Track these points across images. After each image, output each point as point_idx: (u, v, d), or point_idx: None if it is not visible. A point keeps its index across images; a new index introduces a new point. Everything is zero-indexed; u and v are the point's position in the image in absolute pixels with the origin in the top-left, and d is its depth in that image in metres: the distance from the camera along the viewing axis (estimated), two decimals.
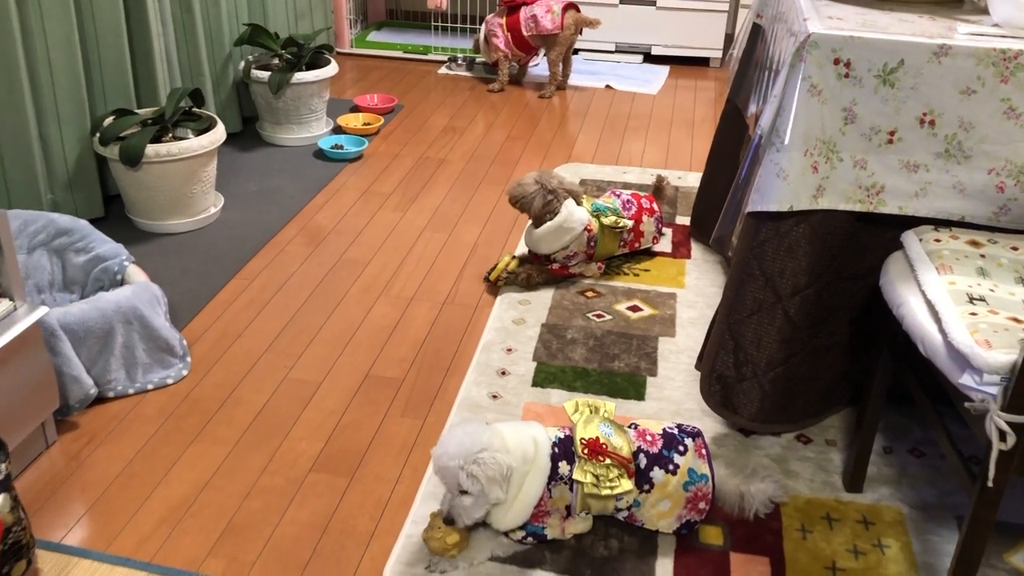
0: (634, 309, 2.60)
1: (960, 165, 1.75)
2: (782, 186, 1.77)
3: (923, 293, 1.56)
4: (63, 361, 2.02)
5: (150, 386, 2.21)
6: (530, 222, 2.68)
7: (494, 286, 2.69)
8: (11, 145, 2.61)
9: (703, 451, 1.82)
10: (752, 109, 2.51)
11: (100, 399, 2.16)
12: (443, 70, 4.71)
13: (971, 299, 1.49)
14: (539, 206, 2.60)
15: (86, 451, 2.01)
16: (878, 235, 1.88)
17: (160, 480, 1.93)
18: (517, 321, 2.53)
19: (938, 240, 1.68)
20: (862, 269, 1.93)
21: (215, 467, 1.97)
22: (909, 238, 1.72)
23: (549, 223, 2.61)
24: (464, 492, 1.69)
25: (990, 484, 1.36)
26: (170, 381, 2.24)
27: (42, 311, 1.88)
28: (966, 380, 1.38)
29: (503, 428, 1.77)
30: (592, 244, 2.69)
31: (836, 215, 1.83)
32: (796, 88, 1.73)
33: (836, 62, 1.71)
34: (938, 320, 1.48)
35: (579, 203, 2.67)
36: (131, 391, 2.19)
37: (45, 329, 1.97)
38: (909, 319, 1.56)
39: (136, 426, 2.09)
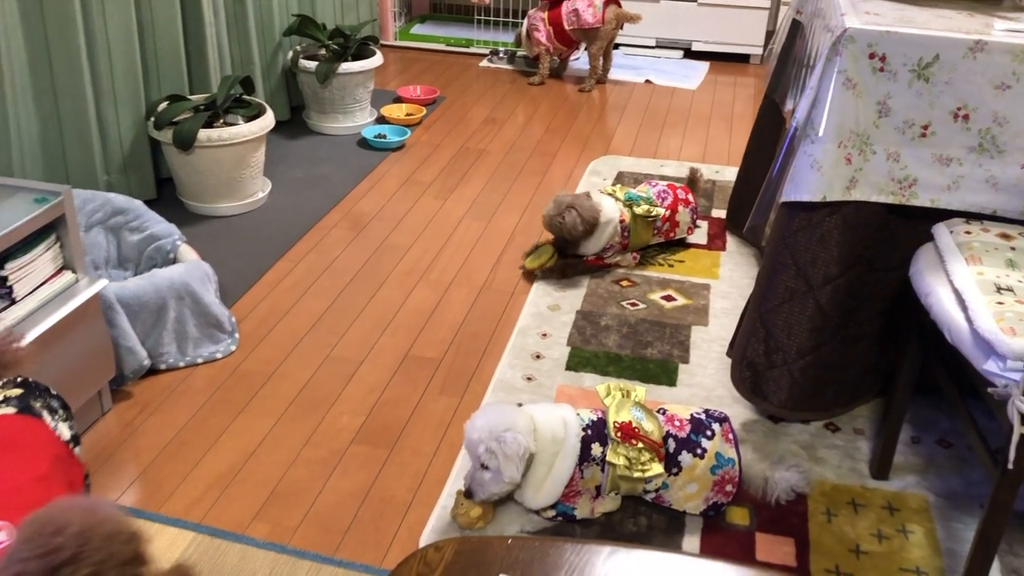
0: (668, 299, 2.65)
1: (993, 159, 1.78)
2: (816, 177, 1.82)
3: (951, 283, 1.60)
4: (119, 333, 2.12)
5: (200, 360, 2.31)
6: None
7: (530, 274, 2.75)
8: (72, 128, 2.72)
9: (730, 436, 1.87)
10: (790, 104, 2.54)
11: (152, 371, 2.26)
12: (484, 63, 4.78)
13: (999, 289, 1.52)
14: (582, 231, 2.64)
15: (139, 419, 2.11)
16: (910, 228, 1.92)
17: (209, 448, 2.02)
18: (552, 307, 2.60)
19: (968, 232, 1.71)
20: (893, 261, 1.96)
21: (261, 437, 2.06)
22: (940, 230, 1.75)
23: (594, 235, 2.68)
24: (484, 467, 1.75)
25: (1010, 467, 1.39)
26: (219, 355, 2.33)
27: (102, 283, 1.98)
28: (990, 366, 1.41)
29: (534, 410, 1.83)
30: (626, 234, 2.75)
31: (868, 207, 1.86)
32: (832, 81, 1.77)
33: (871, 56, 1.75)
34: (965, 308, 1.52)
35: (593, 228, 2.70)
36: (182, 364, 2.29)
37: (103, 302, 2.07)
38: (936, 307, 1.59)
39: (186, 397, 2.19)
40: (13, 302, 1.82)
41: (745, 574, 1.06)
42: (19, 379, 1.35)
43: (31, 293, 1.85)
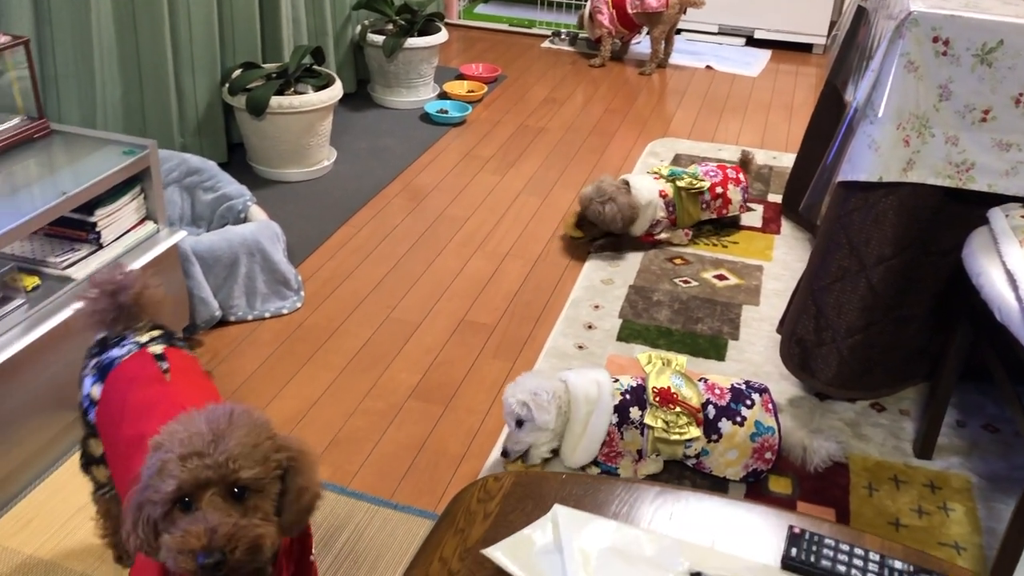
0: (720, 278, 2.69)
1: None
2: (873, 157, 1.85)
3: (1003, 264, 1.63)
4: (194, 284, 2.23)
5: (267, 314, 2.42)
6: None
7: (583, 250, 2.81)
8: (152, 91, 2.84)
9: (770, 406, 1.92)
10: (851, 91, 2.56)
11: (222, 322, 2.37)
12: (546, 44, 4.83)
13: None
14: (620, 226, 2.71)
15: (209, 366, 2.23)
16: (965, 213, 1.94)
17: (275, 396, 2.13)
18: (606, 281, 2.66)
19: None
20: (947, 245, 1.99)
21: (323, 389, 2.16)
22: (995, 214, 1.78)
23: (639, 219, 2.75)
24: (519, 424, 1.84)
25: None
26: (285, 311, 2.44)
27: (181, 235, 2.09)
28: None
29: (567, 375, 1.91)
30: (671, 209, 2.79)
31: (925, 189, 1.89)
32: (894, 63, 1.80)
33: (935, 40, 1.78)
34: (1015, 288, 1.55)
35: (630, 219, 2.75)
36: (250, 317, 2.40)
37: (180, 253, 2.18)
38: (988, 287, 1.62)
39: (254, 348, 2.30)
40: (101, 247, 1.93)
41: (789, 519, 1.12)
42: (152, 324, 1.44)
43: (117, 240, 1.97)
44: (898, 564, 1.04)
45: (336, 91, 3.12)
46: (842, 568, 1.02)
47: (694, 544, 1.07)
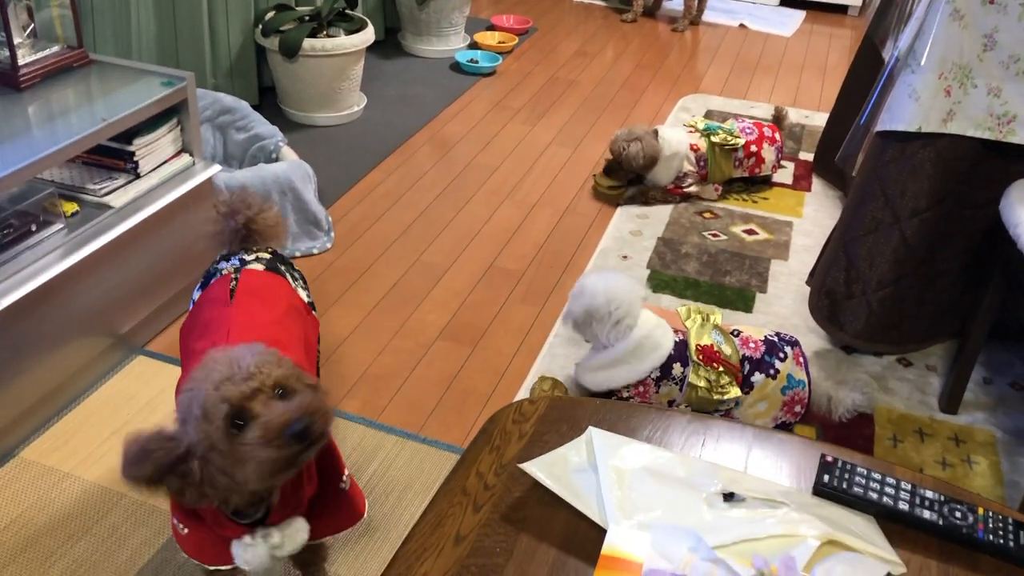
0: (750, 232, 2.68)
1: None
2: (913, 107, 1.83)
3: None
4: None
5: (298, 253, 2.44)
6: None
7: (611, 199, 2.81)
8: (186, 30, 2.84)
9: (800, 359, 1.92)
10: (889, 47, 2.53)
11: None
12: None
13: None
14: (641, 163, 2.70)
15: None
16: (1003, 167, 1.92)
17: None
18: (634, 233, 2.66)
19: None
20: (983, 199, 1.97)
21: (353, 326, 2.18)
22: None
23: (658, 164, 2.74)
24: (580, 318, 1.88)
25: None
26: (315, 251, 2.46)
27: (215, 168, 2.11)
28: None
29: (644, 317, 1.88)
30: (703, 164, 2.78)
31: (964, 141, 1.87)
32: (939, 11, 1.78)
33: None
34: None
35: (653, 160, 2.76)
36: None
37: (214, 188, 2.20)
38: None
39: None
40: (138, 176, 1.95)
41: (820, 448, 1.13)
42: (269, 249, 1.52)
43: (154, 170, 1.99)
44: (929, 493, 1.05)
45: (368, 35, 3.11)
46: (874, 495, 1.03)
47: (726, 467, 1.08)
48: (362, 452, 1.81)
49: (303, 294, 1.51)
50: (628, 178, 2.82)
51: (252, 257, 1.46)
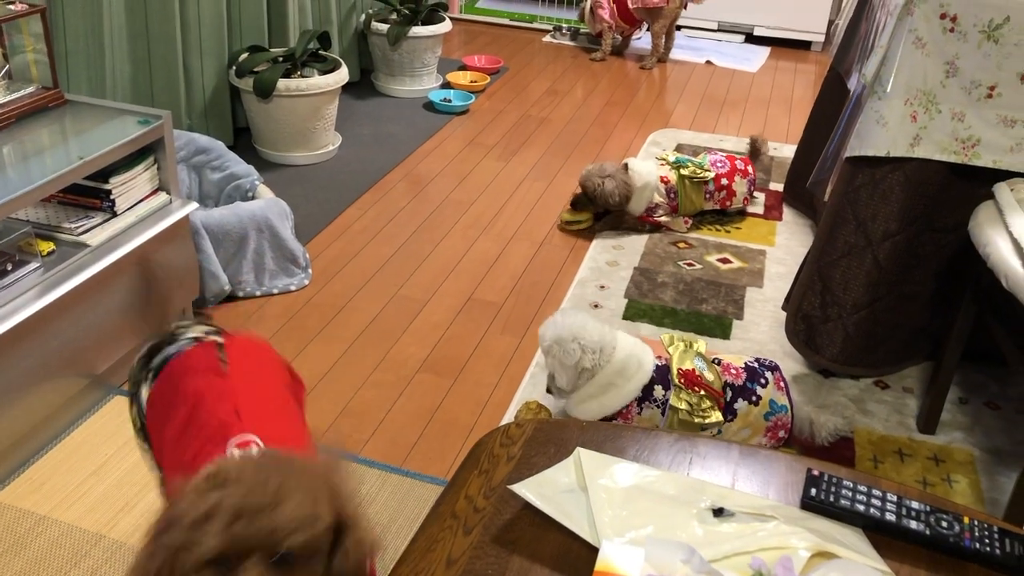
0: (724, 261, 2.72)
1: None
2: (881, 133, 1.88)
3: (1010, 234, 1.66)
4: (204, 257, 2.24)
5: (275, 290, 2.43)
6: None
7: (583, 232, 2.84)
8: (161, 72, 2.86)
9: (782, 383, 1.94)
10: (854, 78, 2.59)
11: (230, 297, 2.39)
12: (547, 38, 4.86)
13: None
14: (616, 201, 2.74)
15: None
16: (970, 190, 1.96)
17: None
18: (611, 263, 2.68)
19: None
20: (951, 222, 2.01)
21: (333, 361, 2.17)
22: (1001, 188, 1.81)
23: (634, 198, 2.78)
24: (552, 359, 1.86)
25: None
26: (293, 288, 2.45)
27: (193, 206, 2.11)
28: None
29: (623, 337, 1.89)
30: (673, 196, 2.82)
31: (931, 165, 1.92)
32: (902, 39, 1.83)
33: (943, 16, 1.80)
34: (1022, 255, 1.58)
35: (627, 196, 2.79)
36: (258, 293, 2.41)
37: (191, 226, 2.19)
38: (995, 256, 1.65)
39: (263, 323, 2.31)
40: (115, 215, 1.95)
41: (806, 463, 1.14)
42: (202, 322, 1.34)
43: (130, 208, 1.98)
44: (915, 504, 1.06)
45: (342, 75, 3.14)
46: (861, 507, 1.04)
47: (715, 484, 1.08)
48: None
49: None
50: (597, 212, 2.85)
51: (200, 332, 1.29)
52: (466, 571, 0.96)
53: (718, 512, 1.02)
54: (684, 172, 2.82)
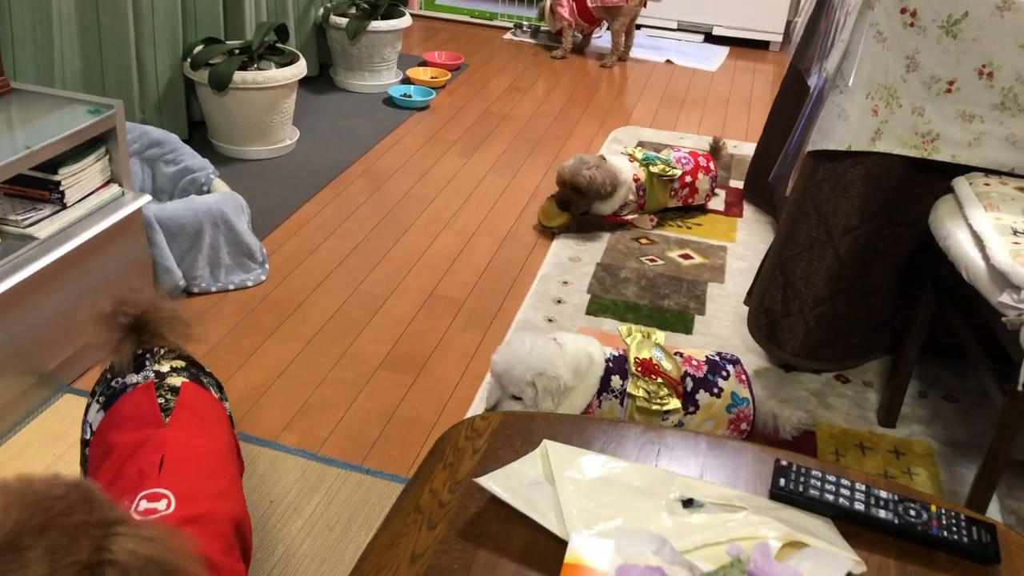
0: (685, 257, 2.71)
1: (1015, 118, 1.84)
2: (843, 127, 1.88)
3: (969, 226, 1.67)
4: (158, 252, 2.18)
5: (231, 286, 2.38)
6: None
7: (549, 231, 2.82)
8: (113, 65, 2.78)
9: (743, 376, 1.93)
10: (814, 75, 2.61)
11: (185, 293, 2.33)
12: (508, 36, 4.84)
13: (1015, 232, 1.59)
14: (601, 184, 2.70)
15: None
16: (930, 184, 1.98)
17: (240, 365, 2.09)
18: (573, 259, 2.66)
19: (987, 184, 1.78)
20: (911, 216, 2.03)
21: (291, 358, 2.13)
22: (959, 182, 1.82)
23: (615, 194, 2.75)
24: (516, 398, 1.81)
25: (1020, 388, 1.47)
26: (249, 284, 2.40)
27: (146, 198, 2.05)
28: (1005, 298, 1.48)
29: (565, 340, 1.88)
30: (641, 193, 2.81)
31: (891, 159, 1.93)
32: (863, 34, 1.84)
33: (903, 11, 1.82)
34: (982, 247, 1.59)
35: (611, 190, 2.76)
36: (214, 289, 2.35)
37: (144, 220, 2.13)
38: (955, 248, 1.66)
39: (219, 319, 2.26)
40: (64, 207, 1.88)
41: (773, 454, 1.13)
42: (178, 353, 1.29)
43: (81, 200, 1.92)
44: (883, 493, 1.05)
45: (300, 68, 3.09)
46: (830, 497, 1.03)
47: (683, 475, 1.07)
48: (304, 485, 1.75)
49: (227, 407, 1.33)
50: (586, 208, 2.79)
51: (167, 367, 1.24)
52: (431, 566, 0.93)
53: (687, 503, 1.00)
54: (654, 170, 2.81)
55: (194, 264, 2.30)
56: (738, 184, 3.20)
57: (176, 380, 1.24)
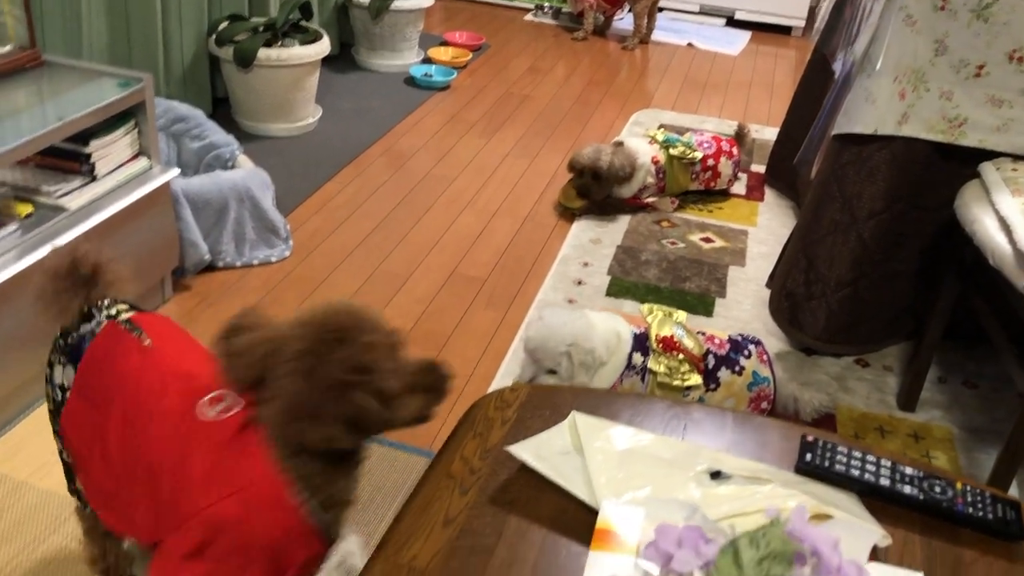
0: (707, 240, 2.72)
1: None
2: (869, 110, 1.88)
3: (996, 212, 1.67)
4: (184, 226, 2.20)
5: (255, 261, 2.40)
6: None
7: (570, 212, 2.82)
8: (139, 41, 2.80)
9: (765, 357, 1.94)
10: (839, 60, 2.60)
11: (210, 267, 2.35)
12: (529, 17, 4.83)
13: None
14: (620, 167, 2.70)
15: (197, 309, 2.20)
16: (956, 170, 1.97)
17: None
18: (594, 241, 2.67)
19: (1015, 170, 1.78)
20: (935, 201, 2.02)
21: None
22: (986, 167, 1.82)
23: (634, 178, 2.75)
24: (551, 372, 1.83)
25: None
26: (273, 260, 2.42)
27: (174, 172, 2.07)
28: None
29: (593, 318, 1.89)
30: (661, 176, 2.81)
31: (917, 144, 1.93)
32: (892, 16, 1.83)
33: None
34: (1009, 232, 1.59)
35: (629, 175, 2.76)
36: (238, 264, 2.38)
37: (171, 194, 2.15)
38: (981, 233, 1.66)
39: (242, 294, 2.28)
40: (94, 179, 1.90)
41: (795, 430, 1.14)
42: (120, 300, 1.28)
43: (110, 173, 1.94)
44: (909, 470, 1.06)
45: (324, 46, 3.10)
46: (856, 472, 1.04)
47: (710, 448, 1.08)
48: None
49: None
50: (605, 194, 2.78)
51: (115, 311, 1.24)
52: (464, 530, 0.95)
53: (715, 475, 1.02)
54: (674, 152, 2.81)
55: (219, 239, 2.32)
56: (760, 168, 3.20)
57: (128, 315, 1.24)
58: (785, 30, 4.92)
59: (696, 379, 1.88)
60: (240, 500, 1.04)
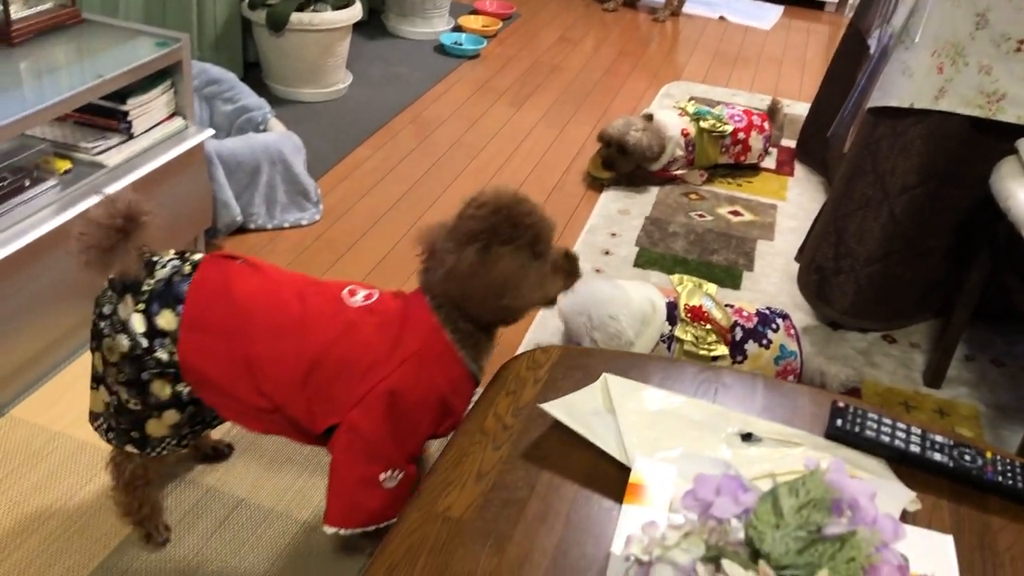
0: (735, 213, 2.71)
1: None
2: (906, 83, 1.87)
3: None
4: (217, 187, 2.23)
5: (286, 224, 2.42)
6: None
7: (599, 183, 2.82)
8: (173, 2, 2.81)
9: (792, 331, 1.95)
10: (875, 36, 2.57)
11: (241, 229, 2.37)
12: None
13: None
14: (648, 147, 2.69)
15: None
16: (992, 145, 1.95)
17: None
18: (622, 212, 2.67)
19: None
20: (969, 178, 2.01)
21: None
22: None
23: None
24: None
25: None
26: (304, 223, 2.44)
27: (208, 132, 2.08)
28: None
29: (628, 288, 1.90)
30: (691, 148, 2.80)
31: (954, 119, 1.91)
32: None
33: None
34: None
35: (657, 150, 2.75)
36: (269, 226, 2.40)
37: (205, 154, 2.17)
38: (1016, 209, 1.65)
39: (273, 256, 2.30)
40: (132, 137, 1.93)
41: (825, 396, 1.15)
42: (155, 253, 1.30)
43: (147, 131, 1.96)
44: (939, 438, 1.07)
45: (356, 11, 3.10)
46: (886, 439, 1.05)
47: (740, 413, 1.09)
48: None
49: None
50: (630, 169, 2.78)
51: (176, 258, 1.29)
52: (496, 484, 0.97)
53: (746, 437, 1.03)
54: (704, 125, 2.79)
55: (251, 200, 2.35)
56: (790, 143, 3.17)
57: (196, 256, 1.30)
58: (819, 5, 4.86)
59: (722, 349, 1.88)
60: (415, 362, 1.21)
